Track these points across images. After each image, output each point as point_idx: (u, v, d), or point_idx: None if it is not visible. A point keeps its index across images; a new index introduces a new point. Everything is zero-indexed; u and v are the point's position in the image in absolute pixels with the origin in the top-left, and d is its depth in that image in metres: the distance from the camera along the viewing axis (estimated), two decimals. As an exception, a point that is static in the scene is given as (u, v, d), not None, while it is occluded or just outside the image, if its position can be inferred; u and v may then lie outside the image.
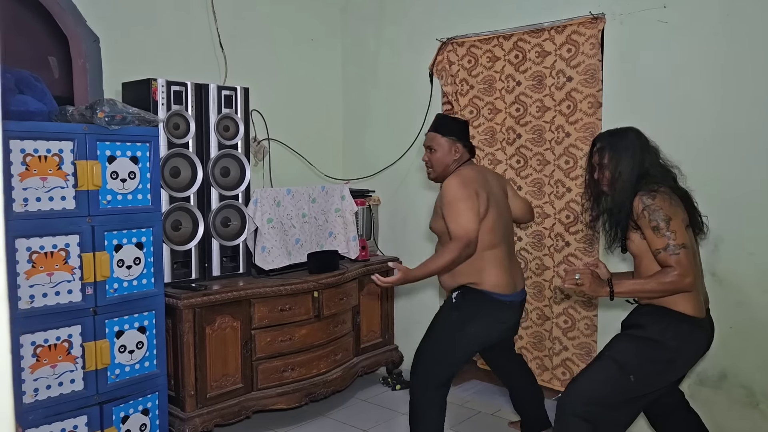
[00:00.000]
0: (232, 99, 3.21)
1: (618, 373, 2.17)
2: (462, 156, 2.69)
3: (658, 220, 2.10)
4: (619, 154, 2.23)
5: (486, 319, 2.57)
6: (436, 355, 2.62)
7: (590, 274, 2.13)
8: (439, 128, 2.72)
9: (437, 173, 2.72)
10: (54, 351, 2.54)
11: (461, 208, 2.45)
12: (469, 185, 2.51)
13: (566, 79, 3.14)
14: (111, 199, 2.68)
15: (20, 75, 2.53)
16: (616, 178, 2.22)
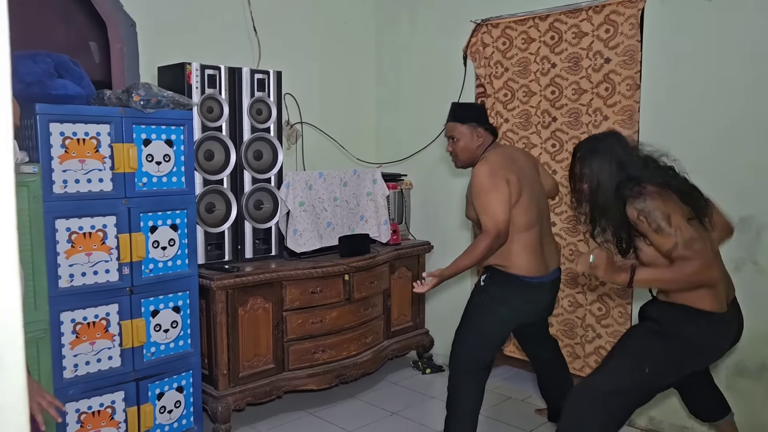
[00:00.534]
0: (264, 82, 3.23)
1: (633, 365, 2.12)
2: (485, 140, 2.66)
3: (657, 220, 1.99)
4: (594, 162, 2.15)
5: (514, 300, 2.56)
6: (468, 339, 2.62)
7: (606, 257, 2.02)
8: (458, 117, 2.69)
9: (463, 161, 2.70)
10: (92, 328, 2.62)
11: (490, 200, 2.43)
12: (498, 173, 2.47)
13: (604, 60, 3.06)
14: (146, 182, 2.73)
15: (59, 59, 2.59)
16: (595, 187, 2.14)
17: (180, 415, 2.91)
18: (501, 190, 2.44)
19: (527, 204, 2.53)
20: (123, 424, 2.71)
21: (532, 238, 2.55)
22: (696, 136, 2.83)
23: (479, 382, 2.65)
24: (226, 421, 2.96)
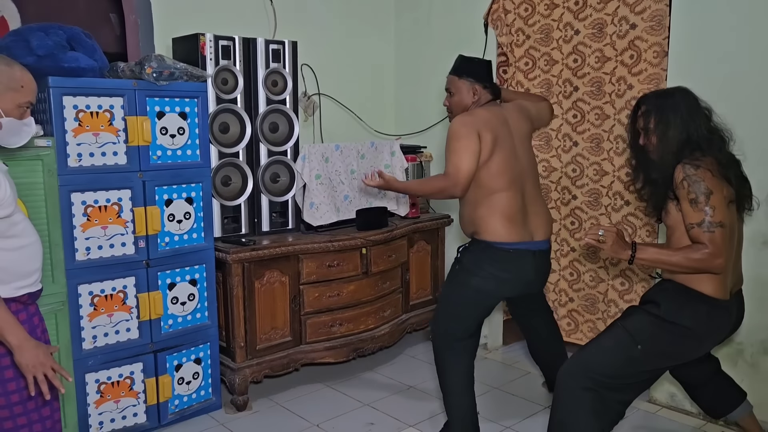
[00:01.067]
0: (280, 53, 3.17)
1: (627, 342, 2.07)
2: (481, 98, 2.57)
3: (697, 192, 1.93)
4: (666, 118, 2.06)
5: (488, 269, 2.45)
6: (444, 310, 2.59)
7: (615, 234, 1.98)
8: (457, 70, 2.61)
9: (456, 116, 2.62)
10: (110, 301, 2.64)
11: (457, 147, 2.36)
12: (473, 125, 2.39)
13: (629, 26, 2.94)
14: (161, 155, 2.73)
15: (72, 32, 2.57)
16: (664, 143, 2.06)
17: (198, 386, 2.94)
18: (471, 140, 2.35)
19: (500, 167, 2.42)
20: (142, 394, 2.75)
21: (504, 201, 2.42)
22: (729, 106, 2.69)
23: (460, 354, 2.57)
24: (243, 392, 2.99)
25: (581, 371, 2.12)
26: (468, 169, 2.35)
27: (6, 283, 1.85)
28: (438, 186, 2.43)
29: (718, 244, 1.91)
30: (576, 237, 3.32)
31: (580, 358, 2.17)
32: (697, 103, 2.10)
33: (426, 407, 3.06)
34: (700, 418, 2.84)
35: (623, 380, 2.11)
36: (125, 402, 2.71)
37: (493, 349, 3.80)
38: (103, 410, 2.66)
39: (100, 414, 2.65)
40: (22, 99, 1.84)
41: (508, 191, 2.44)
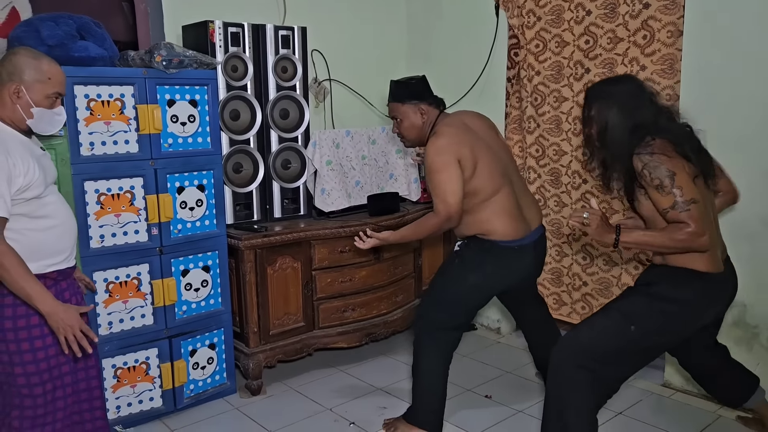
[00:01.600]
0: (289, 39, 3.17)
1: (620, 322, 2.06)
2: (430, 115, 2.56)
3: (660, 177, 1.92)
4: (607, 105, 2.05)
5: (488, 268, 2.46)
6: (435, 299, 2.57)
7: (600, 217, 1.97)
8: (397, 96, 2.58)
9: (412, 140, 2.62)
10: (125, 288, 2.68)
11: (441, 181, 2.35)
12: (448, 150, 2.36)
13: (642, 5, 2.88)
14: (172, 143, 2.74)
15: (82, 21, 2.58)
16: (605, 130, 2.05)
17: (213, 371, 2.98)
18: (451, 170, 2.34)
19: (488, 170, 2.41)
20: (158, 379, 2.80)
21: (504, 199, 2.44)
22: (746, 85, 2.65)
23: (441, 343, 2.57)
24: (257, 377, 3.02)
25: (573, 350, 2.12)
26: (457, 201, 2.35)
27: (35, 261, 1.93)
28: (433, 226, 2.42)
29: (698, 220, 1.90)
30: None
31: (572, 337, 2.16)
32: (641, 89, 2.08)
33: (438, 391, 3.07)
34: (714, 402, 2.82)
35: (618, 357, 2.10)
36: (141, 387, 2.76)
37: (506, 334, 3.80)
38: (120, 395, 2.71)
39: (117, 398, 2.70)
40: (49, 90, 1.97)
41: (503, 189, 2.45)
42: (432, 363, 2.58)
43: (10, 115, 1.93)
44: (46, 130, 2.02)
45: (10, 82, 1.91)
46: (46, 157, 2.08)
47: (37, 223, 1.95)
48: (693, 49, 2.78)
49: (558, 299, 3.51)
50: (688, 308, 2.05)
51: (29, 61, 1.93)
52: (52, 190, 2.02)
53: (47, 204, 1.97)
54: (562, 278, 3.47)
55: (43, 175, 1.94)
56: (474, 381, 3.17)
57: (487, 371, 3.26)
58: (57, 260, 2.00)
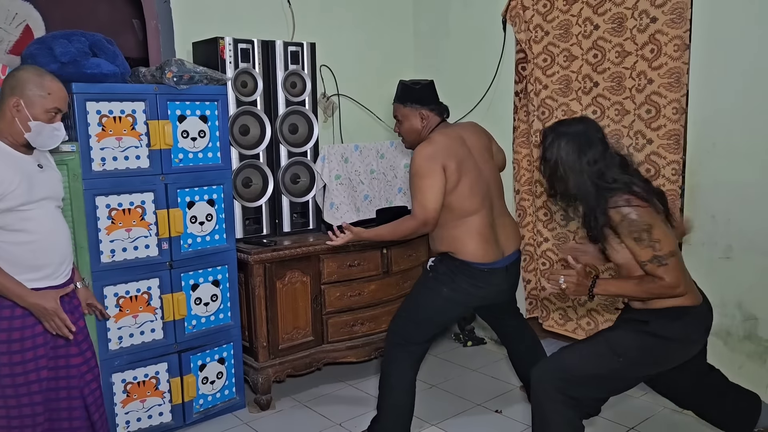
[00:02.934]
0: (298, 55, 3.20)
1: (607, 353, 2.06)
2: (431, 121, 2.56)
3: (638, 230, 1.93)
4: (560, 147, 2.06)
5: (462, 284, 2.47)
6: (408, 313, 2.58)
7: (576, 279, 2.00)
8: (401, 98, 2.59)
9: (411, 143, 2.62)
10: (135, 302, 2.69)
11: (423, 186, 2.37)
12: (435, 158, 2.38)
13: (650, 20, 2.90)
14: (182, 158, 2.76)
15: (94, 38, 2.61)
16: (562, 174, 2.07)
17: (222, 385, 2.98)
18: (435, 177, 2.36)
19: (469, 189, 2.43)
20: (167, 393, 2.80)
21: (478, 222, 2.45)
22: (753, 99, 2.65)
23: (411, 355, 2.58)
24: (266, 392, 3.02)
25: (551, 369, 2.12)
26: (435, 207, 2.37)
27: (16, 275, 1.97)
28: (409, 228, 2.44)
29: (674, 274, 1.93)
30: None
31: (554, 358, 2.17)
32: (596, 131, 2.09)
33: (448, 406, 3.06)
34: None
35: (596, 381, 2.10)
36: (151, 401, 2.76)
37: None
38: (129, 409, 2.71)
39: (126, 413, 2.70)
40: (49, 105, 1.99)
41: (480, 211, 2.46)
42: (401, 376, 2.58)
43: (8, 128, 1.96)
44: (44, 145, 2.04)
45: (12, 96, 1.95)
46: (46, 173, 2.08)
47: (13, 236, 1.96)
48: (700, 62, 2.79)
49: (564, 315, 3.49)
50: (680, 344, 2.06)
51: (31, 77, 1.98)
52: (42, 205, 2.02)
53: (29, 219, 1.97)
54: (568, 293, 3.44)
55: (28, 188, 1.95)
56: (484, 396, 3.15)
57: (498, 386, 3.25)
58: (35, 276, 2.00)
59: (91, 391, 2.18)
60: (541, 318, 3.59)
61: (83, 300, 2.26)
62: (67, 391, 2.12)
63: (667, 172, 2.90)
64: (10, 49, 2.63)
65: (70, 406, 2.14)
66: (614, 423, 2.82)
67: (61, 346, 2.09)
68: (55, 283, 2.06)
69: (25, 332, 1.98)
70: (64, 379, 2.12)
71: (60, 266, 2.08)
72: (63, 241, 2.10)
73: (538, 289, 3.58)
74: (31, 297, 1.96)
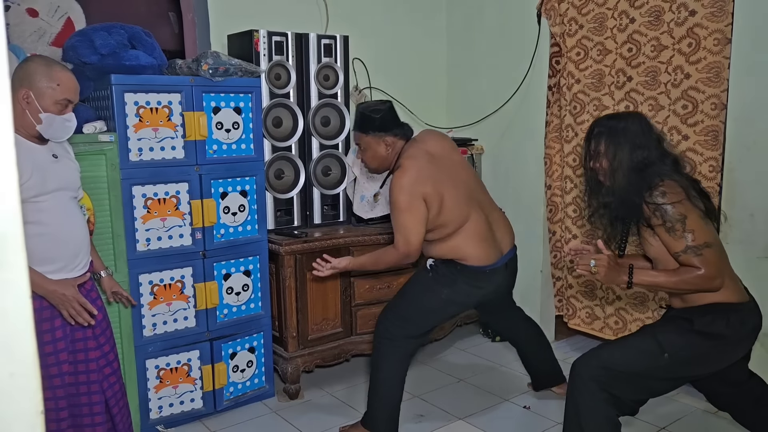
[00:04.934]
0: (331, 48, 3.22)
1: (654, 350, 2.01)
2: (395, 146, 2.53)
3: (672, 221, 1.89)
4: (617, 141, 2.01)
5: (462, 286, 2.49)
6: (402, 308, 2.58)
7: (607, 262, 1.93)
8: (361, 127, 2.55)
9: (376, 169, 2.61)
10: (169, 290, 2.75)
11: (404, 220, 2.38)
12: (413, 189, 2.37)
13: (689, 13, 2.84)
14: (216, 149, 2.81)
15: (133, 31, 2.67)
16: (615, 168, 2.01)
17: (252, 374, 3.02)
18: (416, 210, 2.37)
19: (453, 201, 2.43)
20: (199, 380, 2.85)
21: (475, 226, 2.46)
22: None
23: (403, 350, 2.58)
24: (295, 381, 3.05)
25: (593, 362, 2.07)
26: (417, 240, 2.39)
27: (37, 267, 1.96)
28: (391, 260, 2.48)
29: (711, 264, 1.89)
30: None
31: (598, 354, 2.11)
32: (650, 128, 2.05)
33: (476, 400, 3.06)
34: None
35: (637, 380, 2.05)
36: (183, 388, 2.82)
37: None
38: (162, 395, 2.77)
39: (159, 399, 2.76)
40: (59, 96, 1.96)
41: (472, 216, 2.47)
42: (392, 371, 2.59)
43: (20, 120, 1.93)
44: (56, 137, 2.01)
45: (21, 88, 1.92)
46: (60, 163, 2.05)
47: (26, 228, 1.93)
48: (742, 57, 2.72)
49: (591, 313, 3.46)
50: (727, 342, 2.00)
51: (40, 68, 1.95)
52: (55, 197, 1.99)
53: (41, 210, 1.94)
54: (595, 291, 3.42)
55: (41, 180, 1.93)
56: (512, 391, 3.14)
57: (526, 381, 3.23)
58: (49, 269, 1.97)
59: (110, 385, 2.17)
60: (567, 316, 3.56)
61: (108, 289, 2.26)
62: (87, 386, 2.11)
63: (704, 168, 2.85)
64: (52, 41, 2.70)
65: (91, 401, 2.12)
66: (646, 423, 2.79)
67: (79, 339, 2.08)
68: (70, 275, 2.03)
69: (42, 326, 1.97)
70: (84, 374, 2.10)
71: (74, 258, 2.05)
72: (77, 232, 2.07)
73: (565, 287, 3.55)
74: (49, 284, 1.94)
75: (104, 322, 2.19)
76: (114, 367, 2.21)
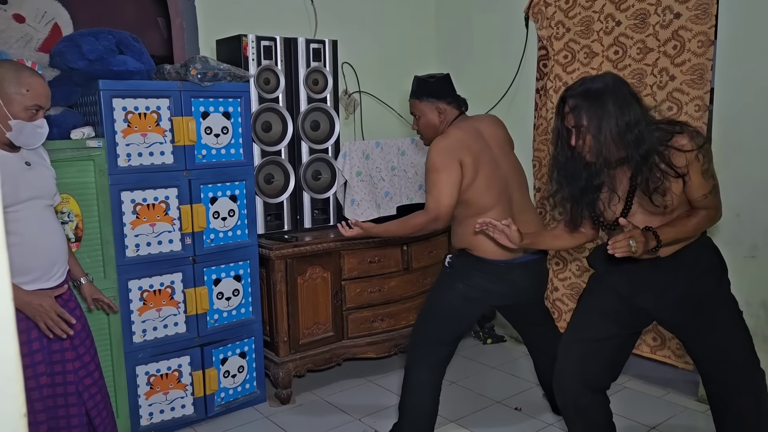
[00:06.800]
0: (320, 52, 3.22)
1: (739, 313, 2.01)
2: (448, 114, 2.50)
3: (709, 161, 1.84)
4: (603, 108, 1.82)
5: (476, 279, 2.40)
6: (426, 312, 2.53)
7: (641, 237, 1.78)
8: (416, 93, 2.54)
9: (429, 139, 2.55)
10: (158, 296, 2.73)
11: (438, 180, 2.31)
12: (452, 152, 2.32)
13: (673, 15, 2.87)
14: (206, 154, 2.80)
15: (120, 36, 2.66)
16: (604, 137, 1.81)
17: (243, 379, 3.01)
18: (451, 172, 2.30)
19: (485, 183, 2.36)
20: (189, 386, 2.84)
21: (496, 216, 2.33)
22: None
23: (432, 359, 2.49)
24: (287, 386, 3.05)
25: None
26: (449, 203, 2.32)
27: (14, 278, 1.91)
28: (419, 223, 2.38)
29: (719, 202, 1.92)
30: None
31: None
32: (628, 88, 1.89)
33: (468, 403, 3.06)
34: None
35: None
36: (174, 394, 2.80)
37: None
38: (152, 402, 2.75)
39: (150, 405, 2.75)
40: (28, 102, 1.90)
41: (497, 206, 2.38)
42: (420, 378, 2.50)
43: None
44: (28, 143, 1.96)
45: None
46: (34, 171, 2.00)
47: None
48: (726, 58, 2.75)
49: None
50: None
51: (9, 73, 1.89)
52: (29, 206, 1.94)
53: (16, 220, 1.89)
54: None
55: (13, 188, 1.88)
56: (504, 393, 3.15)
57: (517, 383, 3.24)
58: (23, 280, 1.91)
59: (91, 395, 2.12)
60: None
61: (88, 296, 2.22)
62: (64, 397, 2.06)
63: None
64: (39, 47, 2.69)
65: (68, 413, 2.07)
66: (636, 423, 2.80)
67: (56, 351, 2.03)
68: (46, 285, 1.99)
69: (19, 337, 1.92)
70: (61, 386, 2.06)
71: (51, 268, 2.00)
72: (54, 242, 2.02)
73: (551, 289, 3.57)
74: (25, 295, 1.88)
75: (83, 331, 2.13)
76: (95, 377, 2.15)
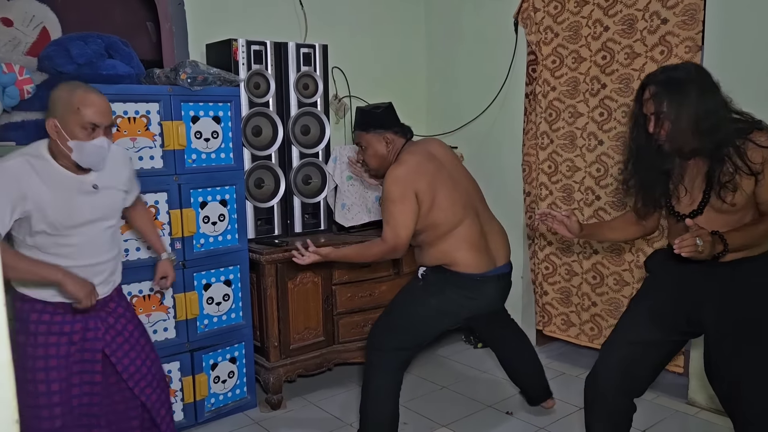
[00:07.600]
0: (311, 56, 3.22)
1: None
2: (396, 144, 2.53)
3: None
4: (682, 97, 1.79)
5: (451, 295, 2.43)
6: (393, 319, 2.53)
7: (708, 237, 1.72)
8: (362, 125, 2.55)
9: (376, 169, 2.59)
10: (148, 301, 2.72)
11: (395, 211, 2.34)
12: (407, 182, 2.34)
13: (661, 21, 2.90)
14: (196, 158, 2.79)
15: (110, 40, 2.66)
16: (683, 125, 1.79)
17: (233, 384, 3.00)
18: (407, 203, 2.33)
19: (448, 201, 2.40)
20: (179, 392, 2.82)
21: (466, 232, 2.41)
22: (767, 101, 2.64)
23: (393, 362, 2.50)
24: (277, 391, 3.03)
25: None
26: (407, 234, 2.35)
27: (45, 288, 1.96)
28: (377, 253, 2.42)
29: None
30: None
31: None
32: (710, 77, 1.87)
33: (459, 407, 3.06)
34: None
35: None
36: (163, 400, 2.78)
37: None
38: (142, 407, 2.73)
39: (139, 411, 2.72)
40: (83, 120, 1.89)
41: (466, 220, 2.42)
42: (383, 381, 2.52)
43: (58, 150, 1.91)
44: (92, 164, 1.96)
45: (48, 119, 1.89)
46: (101, 194, 2.02)
47: (50, 258, 1.92)
48: (713, 64, 2.77)
49: (566, 320, 3.49)
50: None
51: (62, 94, 1.90)
52: (83, 232, 1.97)
53: (67, 245, 1.94)
54: (571, 298, 3.45)
55: (67, 215, 1.91)
56: (495, 397, 3.15)
57: (508, 388, 3.24)
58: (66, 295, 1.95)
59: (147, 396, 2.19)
60: (542, 323, 3.60)
61: (159, 274, 2.38)
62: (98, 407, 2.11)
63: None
64: (27, 51, 2.68)
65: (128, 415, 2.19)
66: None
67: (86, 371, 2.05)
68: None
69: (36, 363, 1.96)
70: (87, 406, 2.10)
71: (103, 288, 2.05)
72: (107, 265, 2.07)
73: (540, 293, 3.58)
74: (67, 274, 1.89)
75: (136, 332, 2.18)
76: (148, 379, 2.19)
